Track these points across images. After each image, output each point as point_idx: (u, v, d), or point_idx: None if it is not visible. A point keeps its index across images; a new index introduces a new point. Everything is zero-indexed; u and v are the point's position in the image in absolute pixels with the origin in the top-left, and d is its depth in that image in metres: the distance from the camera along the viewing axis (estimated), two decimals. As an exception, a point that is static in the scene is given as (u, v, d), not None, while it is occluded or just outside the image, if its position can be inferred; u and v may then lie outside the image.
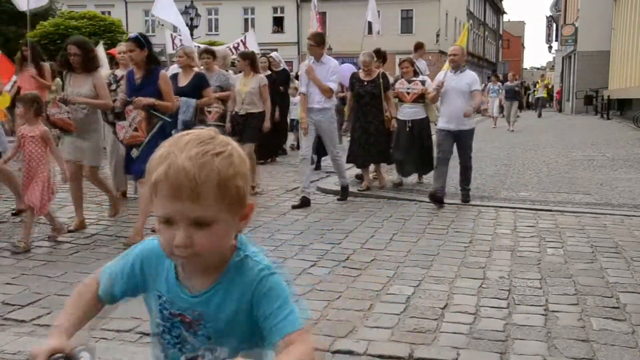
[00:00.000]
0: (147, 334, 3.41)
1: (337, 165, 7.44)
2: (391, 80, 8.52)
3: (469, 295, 4.08)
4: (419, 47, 10.24)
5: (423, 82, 8.11)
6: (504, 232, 5.88)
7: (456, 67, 7.09)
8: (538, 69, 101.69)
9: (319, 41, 7.15)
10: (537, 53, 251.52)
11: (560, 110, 36.50)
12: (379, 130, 7.89)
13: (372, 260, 4.90)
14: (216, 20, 45.63)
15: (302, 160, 7.18)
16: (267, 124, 7.72)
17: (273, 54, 11.40)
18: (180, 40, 11.51)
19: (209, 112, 7.09)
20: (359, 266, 4.72)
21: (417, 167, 8.36)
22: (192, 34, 23.68)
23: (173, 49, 11.77)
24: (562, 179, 9.07)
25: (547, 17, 50.00)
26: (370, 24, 11.24)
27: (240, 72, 8.44)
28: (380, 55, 8.85)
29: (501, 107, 25.53)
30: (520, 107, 22.54)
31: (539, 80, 30.19)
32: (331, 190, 7.93)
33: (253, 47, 12.25)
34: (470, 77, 7.15)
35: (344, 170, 7.50)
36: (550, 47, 54.67)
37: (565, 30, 34.57)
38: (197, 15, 27.60)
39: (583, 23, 30.84)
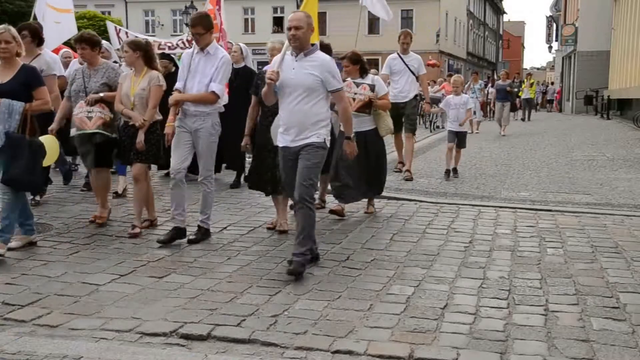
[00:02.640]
0: (147, 334, 3.42)
1: (204, 197, 5.51)
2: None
3: (469, 295, 4.08)
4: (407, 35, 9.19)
5: (372, 87, 6.25)
6: (504, 232, 5.88)
7: (298, 49, 4.64)
8: (538, 69, 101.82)
9: (205, 24, 5.29)
10: (537, 53, 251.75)
11: (560, 110, 36.51)
12: None
13: (372, 260, 4.90)
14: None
15: (174, 184, 5.39)
16: (139, 139, 5.46)
17: (235, 44, 9.06)
18: (127, 33, 10.43)
19: (89, 118, 5.64)
20: (359, 266, 4.72)
21: (361, 191, 6.50)
22: (192, 34, 23.70)
23: (119, 43, 9.87)
24: (562, 179, 9.08)
25: (547, 17, 50.01)
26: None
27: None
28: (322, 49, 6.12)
29: (491, 111, 24.54)
30: (513, 109, 20.46)
31: (525, 79, 27.24)
32: (331, 190, 7.91)
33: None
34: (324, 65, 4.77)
35: (210, 206, 5.56)
36: (550, 47, 54.71)
37: (565, 30, 34.57)
38: (197, 15, 27.59)
39: (583, 23, 30.85)
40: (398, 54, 9.18)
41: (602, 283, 4.36)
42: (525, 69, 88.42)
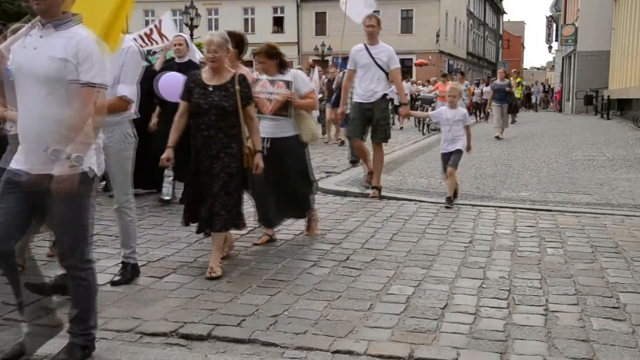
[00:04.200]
0: (147, 334, 3.42)
1: (124, 229, 4.38)
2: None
3: (469, 295, 4.08)
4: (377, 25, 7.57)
5: (289, 84, 5.25)
6: (504, 232, 5.88)
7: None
8: (538, 69, 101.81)
9: None
10: (537, 53, 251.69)
11: (560, 110, 36.53)
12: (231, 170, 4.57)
13: (372, 260, 4.90)
14: (216, 20, 45.61)
15: (119, 212, 4.32)
16: None
17: (178, 34, 8.01)
18: None
19: None
20: (359, 266, 4.72)
21: (286, 209, 5.48)
22: (192, 34, 23.73)
23: None
24: (562, 179, 9.08)
25: (547, 17, 50.05)
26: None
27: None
28: (236, 41, 5.04)
29: (482, 112, 23.11)
30: (513, 110, 19.26)
31: (511, 78, 24.92)
32: (331, 190, 7.92)
33: (170, 32, 9.39)
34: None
35: (134, 237, 4.47)
36: (550, 47, 54.79)
37: (565, 30, 34.59)
38: (197, 15, 27.62)
39: (583, 23, 30.86)
40: (364, 44, 7.47)
41: (602, 283, 4.36)
42: (526, 69, 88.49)
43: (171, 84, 6.16)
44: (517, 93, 23.57)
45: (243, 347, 3.30)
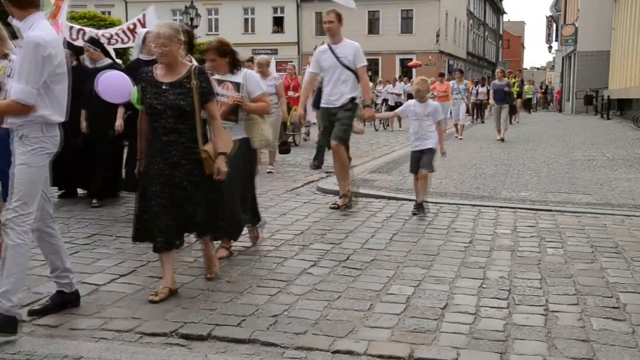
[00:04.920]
0: (147, 334, 3.42)
1: (9, 257, 3.35)
2: None
3: (469, 295, 4.08)
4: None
5: (238, 86, 4.86)
6: (504, 232, 5.88)
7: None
8: (538, 69, 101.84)
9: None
10: (537, 53, 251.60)
11: (560, 110, 36.54)
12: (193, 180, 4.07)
13: (372, 260, 4.90)
14: (216, 20, 45.66)
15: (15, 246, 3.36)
16: None
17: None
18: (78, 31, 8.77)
19: None
20: (359, 266, 4.72)
21: (243, 218, 5.03)
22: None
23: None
24: (562, 179, 9.08)
25: (547, 17, 50.08)
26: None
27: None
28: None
29: (480, 113, 22.50)
30: (513, 111, 18.32)
31: (512, 77, 24.16)
32: (331, 190, 7.91)
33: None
34: None
35: (15, 272, 3.35)
36: (550, 47, 54.82)
37: (565, 30, 34.61)
38: (197, 15, 27.64)
39: (583, 23, 30.88)
40: (328, 44, 6.78)
41: (602, 283, 4.36)
42: (526, 68, 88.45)
43: (111, 84, 5.66)
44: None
45: (243, 347, 3.30)
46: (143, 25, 9.12)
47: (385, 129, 20.04)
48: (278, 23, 45.89)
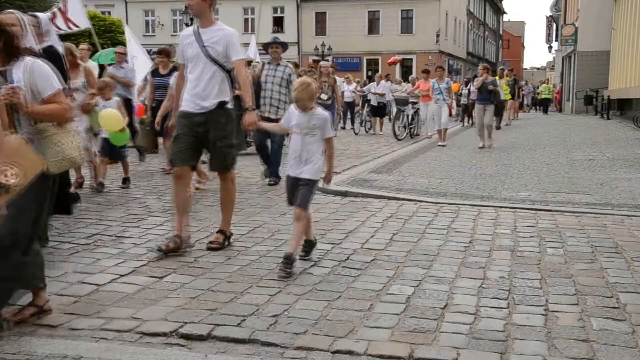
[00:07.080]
0: (147, 334, 3.42)
1: None
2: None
3: (469, 295, 4.08)
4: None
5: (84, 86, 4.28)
6: (504, 232, 5.88)
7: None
8: (538, 69, 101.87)
9: None
10: (537, 53, 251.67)
11: (560, 111, 36.54)
12: None
13: (372, 260, 4.90)
14: (216, 20, 45.60)
15: None
16: None
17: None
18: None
19: None
20: (359, 266, 4.72)
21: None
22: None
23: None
24: (562, 179, 9.08)
25: (547, 17, 50.09)
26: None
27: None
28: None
29: (469, 115, 21.18)
30: (498, 113, 16.55)
31: (507, 78, 22.39)
32: (331, 190, 7.92)
33: (79, 18, 8.25)
34: None
35: None
36: (550, 47, 54.84)
37: (565, 30, 34.62)
38: (197, 15, 27.56)
39: (583, 23, 30.89)
40: (197, 26, 5.20)
41: (602, 283, 4.36)
42: (526, 69, 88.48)
43: None
44: (505, 94, 20.25)
45: (243, 347, 3.30)
46: (65, 15, 8.23)
47: (367, 132, 18.91)
48: (278, 23, 45.90)
